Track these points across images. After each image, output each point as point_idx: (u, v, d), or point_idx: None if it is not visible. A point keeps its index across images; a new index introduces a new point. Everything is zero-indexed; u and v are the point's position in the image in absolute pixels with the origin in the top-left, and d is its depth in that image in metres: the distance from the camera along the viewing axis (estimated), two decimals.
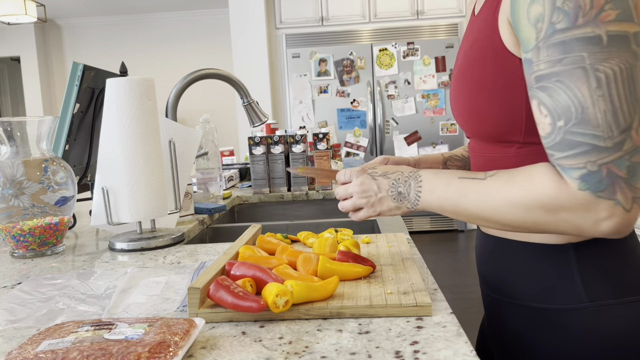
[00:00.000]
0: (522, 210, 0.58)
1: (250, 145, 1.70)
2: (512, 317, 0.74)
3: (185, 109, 6.57)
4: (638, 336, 0.65)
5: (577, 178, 0.54)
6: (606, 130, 0.52)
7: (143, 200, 1.01)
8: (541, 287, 0.69)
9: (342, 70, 4.66)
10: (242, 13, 4.68)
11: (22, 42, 6.49)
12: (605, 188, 0.53)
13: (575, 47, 0.53)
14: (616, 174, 0.53)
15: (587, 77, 0.52)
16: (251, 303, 0.59)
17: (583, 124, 0.53)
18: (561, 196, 0.55)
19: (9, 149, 1.01)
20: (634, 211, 0.54)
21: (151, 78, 1.02)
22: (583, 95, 0.52)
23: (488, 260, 0.78)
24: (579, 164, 0.54)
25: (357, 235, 1.02)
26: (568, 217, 0.56)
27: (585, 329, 0.66)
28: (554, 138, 0.55)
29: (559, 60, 0.54)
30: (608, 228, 0.55)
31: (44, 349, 0.50)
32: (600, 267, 0.67)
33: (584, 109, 0.53)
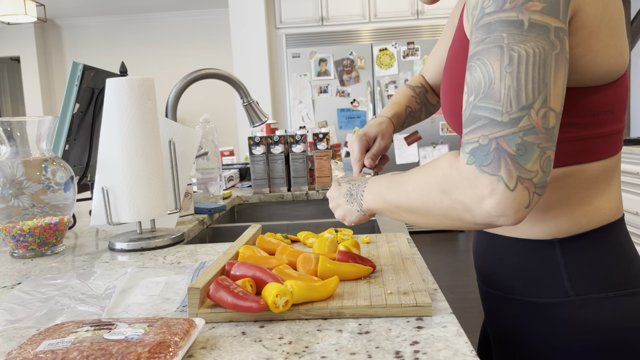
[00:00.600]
0: (424, 193, 0.59)
1: (250, 145, 1.70)
2: (504, 310, 0.76)
3: (185, 109, 6.57)
4: (622, 330, 0.66)
5: (468, 152, 0.54)
6: (506, 105, 0.52)
7: (143, 200, 1.01)
8: (529, 281, 0.71)
9: (342, 70, 4.66)
10: (242, 13, 4.68)
11: (22, 42, 6.49)
12: (489, 162, 0.52)
13: (498, 27, 0.54)
14: (504, 148, 0.51)
15: (502, 54, 0.53)
16: (251, 303, 0.59)
17: (487, 98, 0.53)
18: (452, 172, 0.55)
19: (9, 149, 1.01)
20: (518, 192, 0.51)
21: (151, 78, 1.02)
22: (494, 70, 0.53)
23: (483, 255, 0.80)
24: (474, 138, 0.53)
25: (357, 235, 1.02)
26: (459, 196, 0.55)
27: (570, 323, 0.67)
28: (465, 114, 0.55)
29: (482, 40, 0.55)
30: (490, 207, 0.52)
31: (44, 349, 0.50)
32: (585, 262, 0.68)
33: (492, 83, 0.53)
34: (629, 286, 0.67)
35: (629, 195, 2.84)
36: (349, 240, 0.86)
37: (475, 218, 0.54)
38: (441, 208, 0.58)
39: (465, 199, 0.54)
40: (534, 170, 0.51)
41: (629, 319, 0.66)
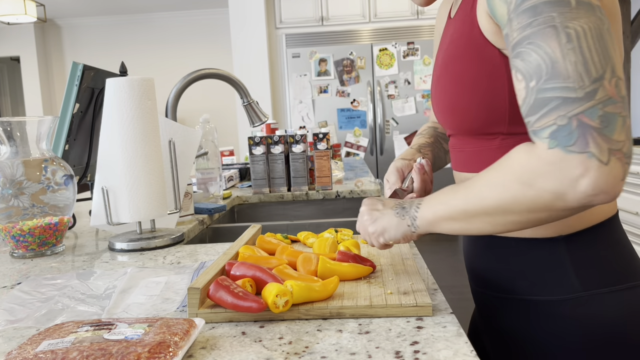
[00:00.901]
0: (501, 190, 0.55)
1: (250, 145, 1.70)
2: (506, 311, 0.75)
3: (185, 109, 6.57)
4: (627, 322, 0.67)
5: (547, 137, 0.51)
6: (577, 80, 0.50)
7: (143, 200, 1.01)
8: (534, 280, 0.71)
9: (342, 70, 4.66)
10: (242, 13, 4.68)
11: (22, 42, 6.49)
12: (575, 141, 0.49)
13: (545, 9, 0.52)
14: (588, 124, 0.49)
15: (557, 33, 0.51)
16: (251, 303, 0.59)
17: (554, 78, 0.51)
18: (532, 162, 0.52)
19: (9, 149, 1.01)
20: (613, 165, 0.49)
21: (151, 78, 1.02)
22: (553, 50, 0.51)
23: (479, 257, 0.79)
24: (549, 121, 0.51)
25: (357, 235, 1.02)
26: (545, 185, 0.52)
27: (577, 318, 0.68)
28: (528, 102, 0.53)
29: (529, 24, 0.53)
30: (588, 186, 0.49)
31: (44, 349, 0.50)
32: (590, 257, 0.68)
33: (554, 63, 0.51)
34: (631, 279, 0.68)
35: (629, 195, 2.84)
36: (349, 240, 0.86)
37: (568, 203, 0.52)
38: (524, 202, 0.54)
39: (553, 186, 0.51)
40: (621, 140, 0.49)
41: (631, 312, 0.67)
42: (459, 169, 0.80)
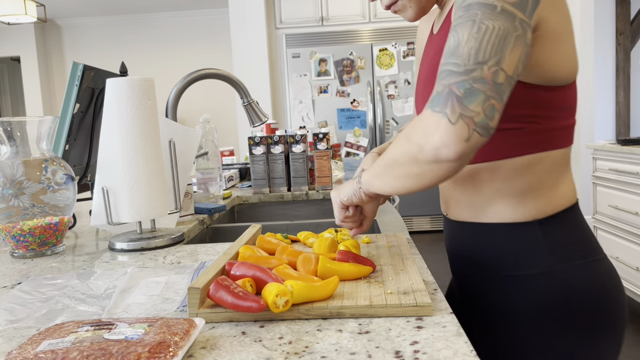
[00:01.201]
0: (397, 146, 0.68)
1: (250, 145, 1.70)
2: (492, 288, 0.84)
3: (185, 109, 6.57)
4: (593, 289, 0.78)
5: (430, 99, 0.64)
6: (465, 60, 0.62)
7: (143, 200, 1.01)
8: (516, 258, 0.80)
9: (342, 70, 4.66)
10: (242, 13, 4.68)
11: (22, 42, 6.49)
12: (440, 103, 0.62)
13: (474, 7, 0.64)
14: (454, 92, 0.61)
15: (473, 25, 0.63)
16: (251, 303, 0.59)
17: (453, 56, 0.63)
18: (414, 121, 0.66)
19: (9, 149, 1.01)
20: (459, 126, 0.60)
21: (151, 78, 1.02)
22: (463, 36, 0.63)
23: (462, 243, 0.88)
24: (436, 88, 0.63)
25: (357, 235, 1.02)
26: (415, 137, 0.64)
27: (554, 287, 0.78)
28: (438, 76, 0.65)
29: (460, 16, 0.65)
30: (436, 139, 0.61)
31: (44, 349, 0.50)
32: (561, 237, 0.79)
33: (458, 45, 0.63)
34: (593, 254, 0.80)
35: (629, 195, 2.84)
36: (349, 240, 0.86)
37: (426, 155, 0.63)
38: (405, 154, 0.66)
39: (418, 137, 0.64)
40: (475, 111, 0.60)
41: (596, 280, 0.79)
42: None
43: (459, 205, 0.86)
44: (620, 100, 4.60)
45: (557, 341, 0.79)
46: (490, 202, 0.81)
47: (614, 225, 2.99)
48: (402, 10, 0.86)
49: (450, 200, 0.89)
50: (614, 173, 2.98)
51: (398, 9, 0.86)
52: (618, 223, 2.96)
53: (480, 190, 0.82)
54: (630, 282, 2.90)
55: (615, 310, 0.80)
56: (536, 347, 0.80)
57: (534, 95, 0.75)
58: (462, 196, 0.85)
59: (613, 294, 0.80)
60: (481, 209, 0.83)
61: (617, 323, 0.80)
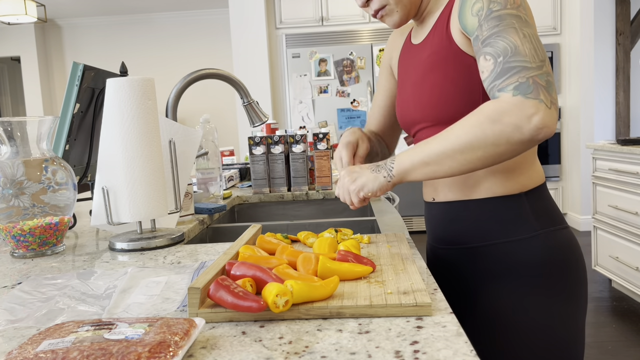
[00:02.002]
0: (475, 128, 0.76)
1: (250, 145, 1.70)
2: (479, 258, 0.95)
3: (185, 109, 6.57)
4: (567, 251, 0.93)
5: (511, 89, 0.75)
6: (531, 57, 0.76)
7: (143, 200, 1.01)
8: (506, 226, 0.93)
9: (342, 70, 4.66)
10: (242, 13, 4.68)
11: (22, 42, 6.49)
12: (531, 91, 0.74)
13: (508, 17, 0.79)
14: (539, 82, 0.74)
15: (517, 32, 0.78)
16: (251, 303, 0.59)
17: (517, 55, 0.76)
18: (500, 104, 0.75)
19: (9, 149, 1.01)
20: (553, 110, 0.74)
21: (151, 78, 1.02)
22: (515, 40, 0.77)
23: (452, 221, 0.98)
24: (513, 80, 0.75)
25: (357, 235, 1.02)
26: (509, 119, 0.74)
27: (538, 250, 0.91)
28: (496, 70, 0.77)
29: (497, 25, 0.79)
30: (538, 121, 0.73)
31: (44, 349, 0.50)
32: (541, 207, 0.93)
33: (516, 47, 0.77)
34: (563, 223, 0.95)
35: (629, 195, 2.84)
36: (349, 240, 0.86)
37: (523, 134, 0.74)
38: (493, 135, 0.75)
39: (515, 120, 0.73)
40: (555, 99, 0.75)
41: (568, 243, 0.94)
42: None
43: (450, 187, 0.97)
44: (620, 100, 4.60)
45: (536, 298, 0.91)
46: (481, 180, 0.93)
47: (614, 225, 2.99)
48: (389, 15, 0.95)
49: (439, 184, 0.99)
50: (614, 173, 2.98)
51: (385, 14, 0.95)
52: (618, 223, 2.96)
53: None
54: (630, 282, 2.90)
55: (583, 269, 0.95)
56: (518, 306, 0.91)
57: None
58: (454, 178, 0.96)
59: (580, 256, 0.96)
60: (472, 187, 0.94)
61: (584, 280, 0.95)
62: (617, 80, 4.60)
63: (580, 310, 0.95)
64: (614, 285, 3.25)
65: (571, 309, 0.93)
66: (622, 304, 2.99)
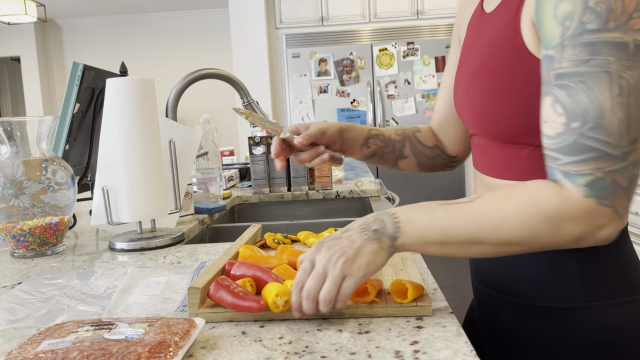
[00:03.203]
0: (524, 225, 0.56)
1: (250, 145, 1.70)
2: (509, 313, 0.74)
3: (185, 109, 6.57)
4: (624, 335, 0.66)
5: (584, 185, 0.54)
6: (619, 138, 0.53)
7: (143, 200, 1.01)
8: (540, 286, 0.69)
9: (342, 70, 4.66)
10: (242, 13, 4.68)
11: (22, 42, 6.49)
12: (608, 196, 0.54)
13: (604, 50, 0.52)
14: (619, 183, 0.54)
15: (611, 82, 0.52)
16: (251, 303, 0.59)
17: (599, 129, 0.53)
18: (566, 206, 0.55)
19: (9, 149, 1.01)
20: (625, 219, 0.56)
21: (151, 78, 1.02)
22: (604, 100, 0.52)
23: (485, 258, 0.77)
24: (587, 170, 0.54)
25: None
26: (572, 229, 0.56)
27: (577, 328, 0.67)
28: (565, 139, 0.55)
29: (586, 61, 0.53)
30: (605, 235, 0.56)
31: (44, 349, 0.50)
32: (598, 269, 0.67)
33: (602, 114, 0.52)
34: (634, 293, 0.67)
35: None
36: None
37: (582, 244, 0.58)
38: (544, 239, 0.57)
39: (580, 231, 0.56)
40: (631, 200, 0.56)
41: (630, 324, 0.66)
42: (484, 171, 0.77)
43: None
44: None
45: None
46: None
47: None
48: None
49: None
50: None
51: None
52: None
53: None
54: None
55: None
56: None
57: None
58: None
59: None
60: None
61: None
62: None
63: None
64: None
65: None
66: None
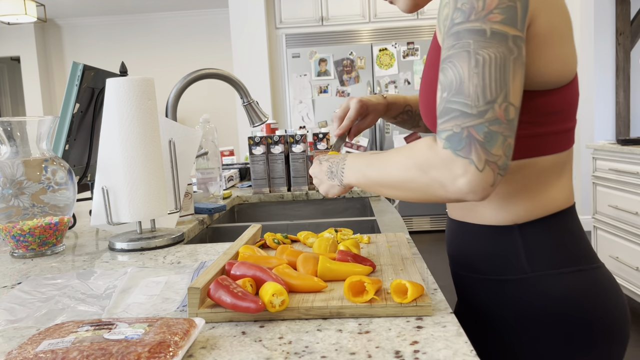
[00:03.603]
0: (404, 171, 0.68)
1: (250, 145, 1.70)
2: (473, 288, 0.84)
3: (185, 109, 6.57)
4: (568, 302, 0.75)
5: (444, 138, 0.63)
6: (474, 100, 0.61)
7: (143, 200, 1.01)
8: (494, 262, 0.80)
9: (342, 70, 4.66)
10: (242, 13, 4.68)
11: (22, 42, 6.49)
12: (462, 147, 0.61)
13: (465, 35, 0.63)
14: (474, 136, 0.61)
15: (470, 58, 0.62)
16: (249, 303, 0.59)
17: (459, 94, 0.62)
18: (430, 155, 0.65)
19: (9, 149, 1.01)
20: (486, 172, 0.61)
21: (151, 78, 1.02)
22: (464, 71, 0.62)
23: (454, 241, 0.88)
24: (448, 126, 0.63)
25: (357, 235, 1.02)
26: (436, 175, 0.64)
27: (528, 296, 0.76)
28: (439, 107, 0.65)
29: (453, 46, 0.64)
30: (463, 185, 0.62)
31: (44, 349, 0.50)
32: (540, 244, 0.77)
33: (462, 82, 0.62)
34: (576, 264, 0.77)
35: (629, 195, 2.84)
36: (349, 240, 0.86)
37: (448, 194, 0.64)
38: (420, 184, 0.67)
39: (441, 178, 0.63)
40: (498, 154, 0.61)
41: (575, 292, 0.75)
42: None
43: (454, 204, 0.88)
44: (620, 100, 4.60)
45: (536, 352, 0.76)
46: (475, 205, 0.82)
47: (614, 225, 2.99)
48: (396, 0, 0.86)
49: None
50: (614, 173, 2.98)
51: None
52: (618, 223, 2.96)
53: None
54: (631, 282, 2.89)
55: (604, 325, 0.75)
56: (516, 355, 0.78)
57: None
58: None
59: (598, 307, 0.75)
60: (469, 210, 0.84)
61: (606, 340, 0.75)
62: (617, 80, 4.60)
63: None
64: None
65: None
66: None
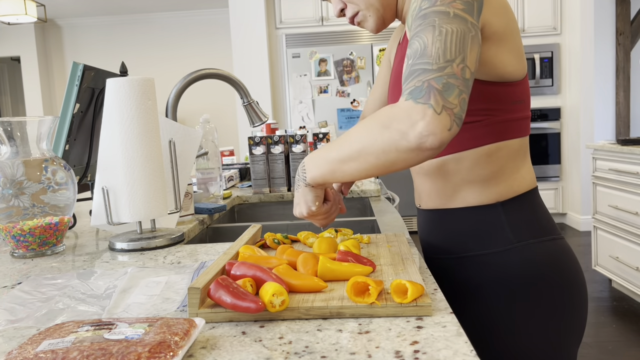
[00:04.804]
0: (366, 134, 0.72)
1: (250, 145, 1.70)
2: (460, 269, 0.92)
3: (185, 109, 6.57)
4: (551, 266, 0.87)
5: (406, 93, 0.69)
6: (435, 58, 0.68)
7: (143, 200, 1.01)
8: (479, 238, 0.90)
9: (342, 70, 4.66)
10: (242, 13, 4.68)
11: (22, 42, 6.49)
12: (422, 96, 0.67)
13: (431, 15, 0.72)
14: (433, 86, 0.67)
15: (434, 30, 0.70)
16: (249, 304, 0.59)
17: (423, 57, 0.69)
18: (393, 110, 0.70)
19: (9, 149, 1.01)
20: (443, 116, 0.66)
21: (151, 78, 1.02)
22: (427, 39, 0.70)
23: (434, 229, 0.96)
24: (412, 84, 0.69)
25: (357, 235, 1.02)
26: (397, 126, 0.68)
27: (514, 264, 0.87)
28: (405, 74, 0.71)
29: (420, 25, 0.72)
30: (422, 127, 0.66)
31: (44, 349, 0.50)
32: (521, 217, 0.89)
33: (425, 48, 0.70)
34: (549, 234, 0.89)
35: (629, 195, 2.84)
36: (349, 240, 0.86)
37: (410, 143, 0.67)
38: (382, 143, 0.70)
39: (402, 126, 0.67)
40: (454, 103, 0.67)
41: (552, 257, 0.88)
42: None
43: (430, 195, 0.95)
44: (620, 100, 4.60)
45: (517, 318, 0.87)
46: (457, 190, 0.90)
47: (614, 225, 2.99)
48: (364, 21, 0.95)
49: (422, 191, 0.98)
50: (614, 173, 2.98)
51: (360, 20, 0.95)
52: (618, 223, 2.96)
53: (448, 179, 0.91)
54: (631, 282, 2.90)
55: (575, 287, 0.88)
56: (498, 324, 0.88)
57: (488, 91, 0.84)
58: (433, 187, 0.94)
59: (571, 272, 0.89)
60: (450, 197, 0.92)
61: (577, 300, 0.88)
62: (617, 80, 4.60)
63: (571, 335, 0.88)
64: (614, 285, 3.25)
65: (558, 332, 0.87)
66: (622, 304, 2.99)
